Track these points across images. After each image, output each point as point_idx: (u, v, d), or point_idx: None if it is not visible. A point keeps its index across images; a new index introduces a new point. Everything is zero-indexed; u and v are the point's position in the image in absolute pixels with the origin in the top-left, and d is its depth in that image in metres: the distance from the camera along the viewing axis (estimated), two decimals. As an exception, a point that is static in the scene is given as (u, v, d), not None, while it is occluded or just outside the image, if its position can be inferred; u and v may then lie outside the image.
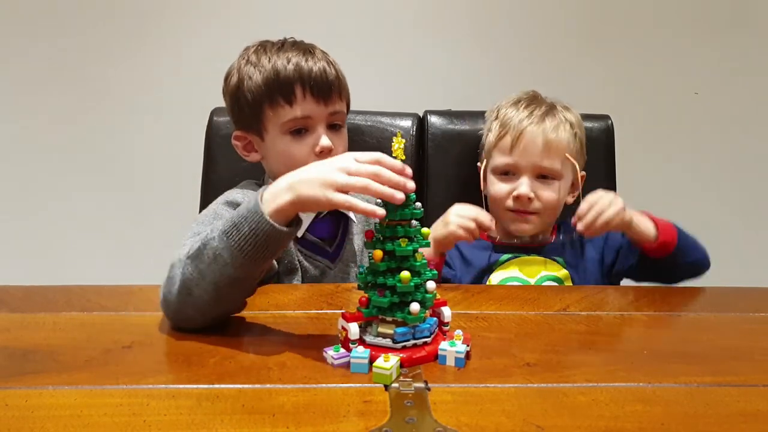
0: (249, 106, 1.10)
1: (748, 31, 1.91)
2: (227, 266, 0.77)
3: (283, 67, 1.07)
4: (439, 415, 0.61)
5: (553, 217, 1.24)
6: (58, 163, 1.86)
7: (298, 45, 1.13)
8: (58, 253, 1.86)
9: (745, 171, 1.98)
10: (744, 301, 1.03)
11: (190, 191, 1.39)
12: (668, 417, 0.63)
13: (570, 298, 1.00)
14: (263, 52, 1.11)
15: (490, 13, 1.86)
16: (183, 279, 0.79)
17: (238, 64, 1.13)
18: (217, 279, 0.78)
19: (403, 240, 0.74)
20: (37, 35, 1.80)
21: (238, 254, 0.77)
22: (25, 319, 0.86)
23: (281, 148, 1.10)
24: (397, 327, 0.74)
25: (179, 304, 0.80)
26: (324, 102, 1.09)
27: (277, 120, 1.08)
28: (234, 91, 1.12)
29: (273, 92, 1.07)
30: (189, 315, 0.81)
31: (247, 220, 0.77)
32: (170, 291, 0.80)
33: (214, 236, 0.78)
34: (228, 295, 0.80)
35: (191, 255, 0.79)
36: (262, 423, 0.60)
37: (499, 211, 1.22)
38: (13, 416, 0.60)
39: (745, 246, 1.99)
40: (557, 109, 1.23)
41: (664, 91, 1.92)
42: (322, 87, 1.08)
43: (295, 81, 1.07)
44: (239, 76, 1.11)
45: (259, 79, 1.08)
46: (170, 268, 0.82)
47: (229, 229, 0.77)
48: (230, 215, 0.80)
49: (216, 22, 1.82)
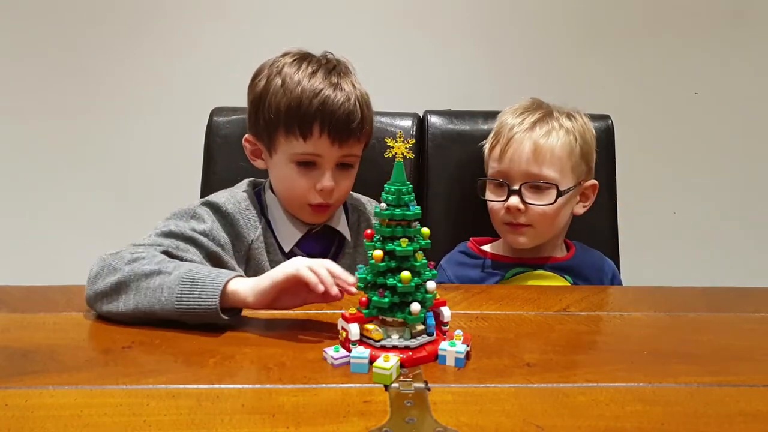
0: (265, 122, 1.07)
1: (748, 31, 1.91)
2: (158, 302, 0.82)
3: (308, 100, 1.03)
4: (439, 415, 0.61)
5: (551, 229, 1.18)
6: (58, 163, 1.86)
7: (334, 72, 1.08)
8: (58, 253, 1.86)
9: (745, 171, 1.98)
10: (744, 301, 1.03)
11: (190, 191, 1.39)
12: (668, 417, 0.63)
13: (570, 298, 1.00)
14: (297, 70, 1.06)
15: (490, 13, 1.86)
16: (121, 279, 0.84)
17: (270, 70, 1.09)
18: (143, 303, 0.82)
19: (403, 240, 0.74)
20: (36, 35, 1.80)
21: (174, 303, 0.81)
22: (25, 319, 0.86)
23: (285, 174, 1.08)
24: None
25: (102, 293, 0.85)
26: (339, 145, 1.05)
27: (289, 148, 1.06)
28: (256, 100, 1.09)
29: (291, 122, 1.04)
30: (102, 304, 0.85)
31: (205, 287, 0.81)
32: (103, 276, 0.85)
33: (171, 272, 0.83)
34: (137, 318, 0.83)
35: (144, 269, 0.84)
36: (262, 423, 0.60)
37: (497, 225, 1.20)
38: (13, 416, 0.60)
39: (745, 246, 2.00)
40: (554, 116, 1.18)
41: (664, 91, 1.92)
42: (341, 131, 1.04)
43: (316, 118, 1.03)
44: (266, 85, 1.07)
45: (282, 103, 1.04)
46: (119, 254, 0.88)
47: (186, 280, 0.82)
48: (197, 269, 0.84)
49: (216, 22, 1.82)
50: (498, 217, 1.18)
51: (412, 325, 0.76)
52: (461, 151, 1.36)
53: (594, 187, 1.23)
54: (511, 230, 1.17)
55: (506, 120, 1.20)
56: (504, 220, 1.17)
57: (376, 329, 0.74)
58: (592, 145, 1.21)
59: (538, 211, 1.14)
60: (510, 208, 1.14)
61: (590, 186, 1.22)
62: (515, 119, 1.18)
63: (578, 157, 1.18)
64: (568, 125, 1.18)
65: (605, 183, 1.39)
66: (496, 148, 1.18)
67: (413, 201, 0.76)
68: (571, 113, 1.21)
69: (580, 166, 1.18)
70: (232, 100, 1.36)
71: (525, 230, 1.16)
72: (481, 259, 1.23)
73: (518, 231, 1.17)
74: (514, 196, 1.14)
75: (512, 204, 1.14)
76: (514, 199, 1.14)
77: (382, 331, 0.75)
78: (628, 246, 1.44)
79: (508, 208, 1.15)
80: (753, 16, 1.90)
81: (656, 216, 1.95)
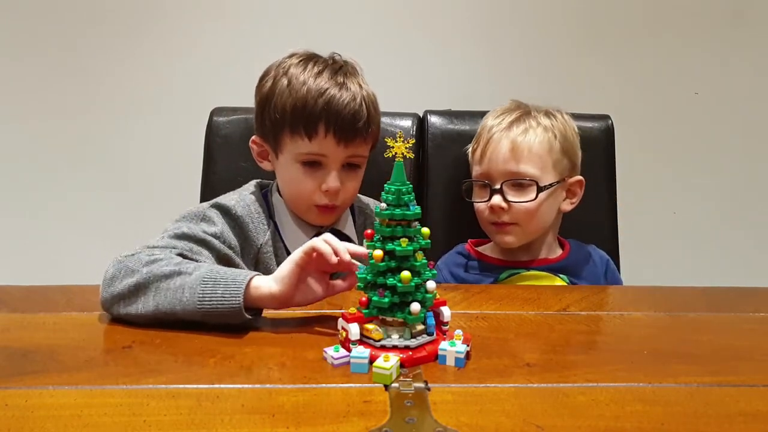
0: (271, 123, 1.07)
1: (748, 31, 1.91)
2: (180, 303, 0.80)
3: (313, 100, 1.03)
4: (439, 415, 0.61)
5: (536, 225, 1.19)
6: (58, 163, 1.86)
7: (340, 72, 1.08)
8: (58, 253, 1.86)
9: (745, 171, 1.98)
10: (744, 301, 1.03)
11: (189, 191, 1.39)
12: (668, 417, 0.63)
13: (570, 298, 1.00)
14: (303, 70, 1.06)
15: (490, 13, 1.86)
16: (141, 281, 0.83)
17: (276, 71, 1.09)
18: (164, 305, 0.81)
19: (404, 240, 0.74)
20: (36, 34, 1.80)
21: (197, 303, 0.80)
22: (25, 319, 0.86)
23: (291, 175, 1.08)
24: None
25: (119, 295, 0.83)
26: (345, 144, 1.05)
27: (294, 148, 1.06)
28: (263, 101, 1.09)
29: (296, 122, 1.04)
30: (120, 306, 0.84)
31: (228, 286, 0.80)
32: (120, 278, 0.84)
33: (191, 273, 0.82)
34: (157, 319, 0.82)
35: (163, 270, 0.83)
36: (262, 423, 0.60)
37: (484, 226, 1.22)
38: (13, 416, 0.60)
39: (745, 246, 2.00)
40: (532, 115, 1.20)
41: (664, 91, 1.92)
42: (347, 131, 1.04)
43: (321, 118, 1.03)
44: (272, 85, 1.08)
45: (288, 103, 1.05)
46: (135, 256, 0.86)
47: (208, 280, 0.81)
48: (218, 269, 0.84)
49: (216, 22, 1.82)
50: (484, 217, 1.20)
51: (412, 325, 0.76)
52: (461, 151, 1.36)
53: (580, 183, 1.23)
54: (498, 230, 1.19)
55: (486, 122, 1.22)
56: (489, 220, 1.19)
57: (376, 329, 0.74)
58: (574, 141, 1.22)
59: (521, 208, 1.15)
60: (493, 208, 1.16)
61: (576, 182, 1.23)
62: (494, 120, 1.20)
63: (559, 153, 1.18)
64: (546, 123, 1.19)
65: (605, 183, 1.39)
66: (477, 150, 1.21)
67: (413, 201, 0.76)
68: (551, 111, 1.22)
69: (561, 162, 1.19)
70: (232, 100, 1.36)
71: (510, 228, 1.18)
72: (476, 260, 1.24)
73: (504, 230, 1.18)
74: (497, 195, 1.16)
75: (495, 203, 1.16)
76: (496, 198, 1.16)
77: (382, 331, 0.75)
78: (628, 246, 1.44)
79: (491, 208, 1.17)
80: (753, 16, 1.90)
81: (656, 216, 1.95)
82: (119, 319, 0.84)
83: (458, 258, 1.26)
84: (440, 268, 1.24)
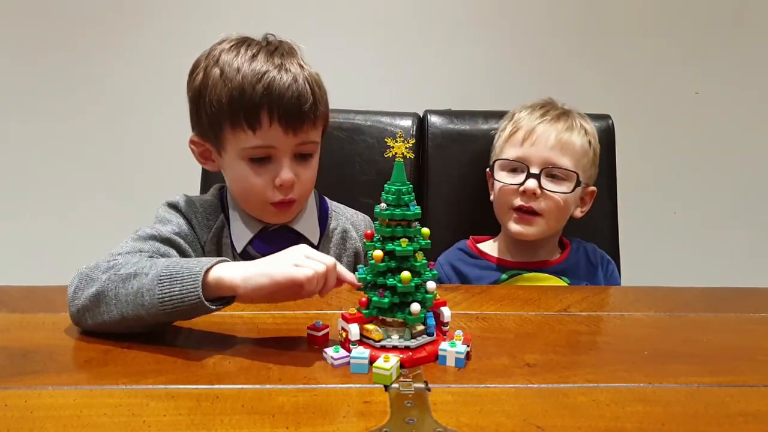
0: (209, 119, 0.98)
1: (748, 31, 1.91)
2: (142, 307, 0.75)
3: (250, 86, 0.94)
4: (439, 416, 0.61)
5: (557, 222, 1.19)
6: (57, 164, 1.86)
7: (276, 53, 0.98)
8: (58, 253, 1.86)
9: (745, 171, 1.98)
10: (744, 301, 1.03)
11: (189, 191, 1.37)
12: (668, 417, 0.63)
13: (570, 299, 1.00)
14: (235, 56, 0.97)
15: (490, 13, 1.86)
16: (99, 289, 0.78)
17: (207, 61, 0.99)
18: (128, 311, 0.76)
19: (403, 240, 0.74)
20: (35, 34, 1.80)
21: (158, 304, 0.75)
22: (25, 319, 0.86)
23: (239, 174, 0.99)
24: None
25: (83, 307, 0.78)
26: (293, 132, 0.96)
27: (237, 144, 0.97)
28: (196, 96, 1.00)
29: (236, 114, 0.95)
30: (87, 318, 0.79)
31: (184, 281, 0.74)
32: (82, 288, 0.79)
33: (148, 273, 0.76)
34: (129, 326, 0.78)
35: (120, 274, 0.78)
36: (262, 423, 0.60)
37: (503, 211, 1.19)
38: (13, 416, 0.60)
39: (745, 246, 2.00)
40: (573, 115, 1.21)
41: (664, 91, 1.92)
42: (293, 115, 0.95)
43: (262, 106, 0.94)
44: (203, 77, 0.98)
45: (223, 94, 0.95)
46: (95, 266, 0.81)
47: (164, 278, 0.75)
48: (174, 263, 0.77)
49: (216, 22, 1.82)
50: (507, 201, 1.17)
51: (412, 325, 0.75)
52: (461, 151, 1.37)
53: (593, 194, 1.24)
54: (520, 218, 1.16)
55: (525, 113, 1.21)
56: (515, 204, 1.16)
57: (376, 329, 0.74)
58: (598, 153, 1.24)
59: (554, 198, 1.15)
60: (527, 191, 1.14)
61: (590, 192, 1.24)
62: (536, 112, 1.20)
63: (590, 160, 1.21)
64: (587, 127, 1.21)
65: (605, 183, 1.39)
66: (516, 134, 1.19)
67: (413, 201, 0.76)
68: (584, 116, 1.24)
69: (590, 169, 1.21)
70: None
71: (534, 220, 1.16)
72: (478, 259, 1.24)
73: (526, 220, 1.16)
74: (532, 179, 1.14)
75: (529, 187, 1.13)
76: (531, 182, 1.14)
77: (382, 331, 0.75)
78: (628, 246, 1.44)
79: (524, 191, 1.14)
80: (753, 16, 1.90)
81: (656, 216, 1.95)
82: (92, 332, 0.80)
83: (459, 254, 1.25)
84: (441, 263, 1.23)
